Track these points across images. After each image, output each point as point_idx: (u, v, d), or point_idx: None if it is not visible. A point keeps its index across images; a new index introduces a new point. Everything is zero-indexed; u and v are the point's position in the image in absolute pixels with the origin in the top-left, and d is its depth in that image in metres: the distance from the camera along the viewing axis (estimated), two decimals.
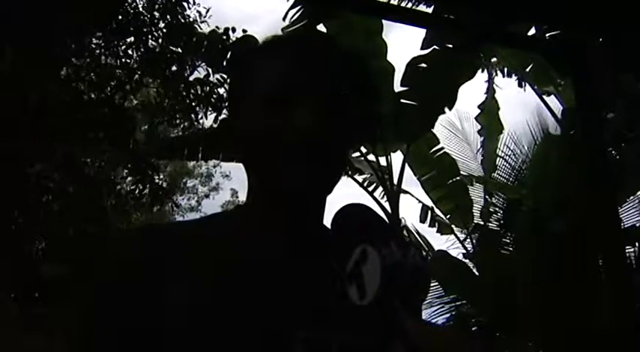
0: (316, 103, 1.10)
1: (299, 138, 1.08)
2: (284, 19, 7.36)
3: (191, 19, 8.81)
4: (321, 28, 7.81)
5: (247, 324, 1.04)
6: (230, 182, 23.41)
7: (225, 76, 8.65)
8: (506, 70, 9.76)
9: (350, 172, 9.31)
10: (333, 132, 1.11)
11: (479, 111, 9.93)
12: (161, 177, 10.74)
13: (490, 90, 9.86)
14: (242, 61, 1.25)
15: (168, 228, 1.26)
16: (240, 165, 1.20)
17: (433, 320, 6.61)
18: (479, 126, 9.80)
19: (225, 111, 8.26)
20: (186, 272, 1.07)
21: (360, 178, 9.61)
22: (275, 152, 1.10)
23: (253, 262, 1.11)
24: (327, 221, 1.17)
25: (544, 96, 8.98)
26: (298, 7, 7.13)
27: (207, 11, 9.02)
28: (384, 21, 7.90)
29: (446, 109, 8.71)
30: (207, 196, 23.49)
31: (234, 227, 1.18)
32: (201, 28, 8.88)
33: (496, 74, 9.91)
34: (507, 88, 10.36)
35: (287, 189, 1.10)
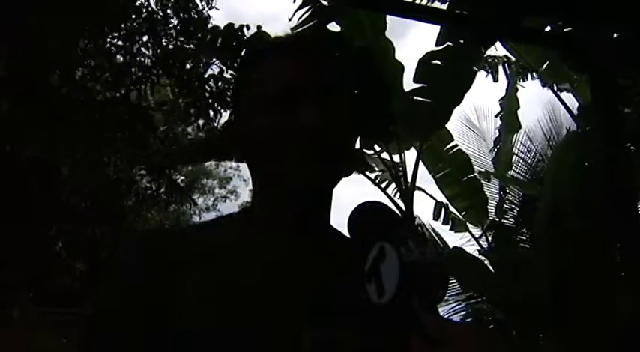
0: (319, 101, 1.11)
1: (303, 134, 1.09)
2: (290, 19, 7.34)
3: (204, 15, 8.82)
4: (329, 27, 7.82)
5: (258, 325, 1.05)
6: (248, 185, 23.31)
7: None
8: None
9: (363, 169, 9.31)
10: (335, 128, 1.12)
11: (498, 108, 9.86)
12: (178, 176, 10.78)
13: (511, 88, 9.77)
14: (247, 61, 1.27)
15: (176, 231, 1.28)
16: None
17: (450, 317, 6.60)
18: (497, 123, 9.73)
19: (230, 111, 8.26)
20: (195, 274, 1.08)
21: (373, 176, 9.59)
22: (280, 149, 1.11)
23: (261, 263, 1.12)
24: (336, 219, 1.19)
25: (560, 93, 8.91)
26: (307, 8, 7.10)
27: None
28: (401, 19, 7.88)
29: (457, 106, 8.67)
30: (224, 198, 23.34)
31: (242, 229, 1.19)
32: (210, 18, 8.89)
33: (517, 72, 9.83)
34: (524, 85, 10.24)
35: (292, 185, 1.12)
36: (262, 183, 1.20)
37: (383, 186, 9.58)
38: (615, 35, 5.26)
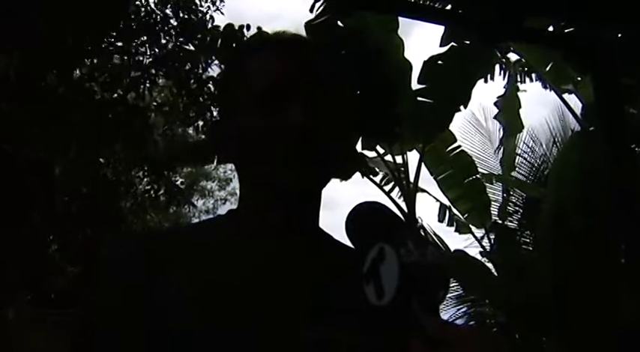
0: (307, 100, 1.10)
1: (290, 135, 1.08)
2: (311, 10, 7.30)
3: (205, 17, 8.80)
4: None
5: (250, 327, 1.03)
6: None
7: None
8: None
9: (367, 173, 9.28)
10: (324, 128, 1.10)
11: (501, 108, 9.80)
12: (177, 178, 10.77)
13: (511, 89, 9.73)
14: (234, 60, 1.27)
15: (166, 231, 1.27)
16: None
17: (452, 320, 6.57)
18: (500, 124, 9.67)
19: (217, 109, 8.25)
20: (183, 275, 1.06)
21: (376, 178, 9.56)
22: (266, 149, 1.10)
23: (251, 264, 1.10)
24: (336, 220, 1.19)
25: (564, 95, 8.87)
26: (322, 2, 7.07)
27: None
28: (405, 19, 7.86)
29: (461, 107, 8.66)
30: (224, 201, 23.25)
31: (230, 229, 1.17)
32: (214, 21, 8.88)
33: (517, 73, 9.80)
34: (526, 86, 10.22)
35: (279, 186, 1.10)
36: (249, 183, 1.19)
37: (385, 188, 9.55)
38: (619, 35, 5.25)
